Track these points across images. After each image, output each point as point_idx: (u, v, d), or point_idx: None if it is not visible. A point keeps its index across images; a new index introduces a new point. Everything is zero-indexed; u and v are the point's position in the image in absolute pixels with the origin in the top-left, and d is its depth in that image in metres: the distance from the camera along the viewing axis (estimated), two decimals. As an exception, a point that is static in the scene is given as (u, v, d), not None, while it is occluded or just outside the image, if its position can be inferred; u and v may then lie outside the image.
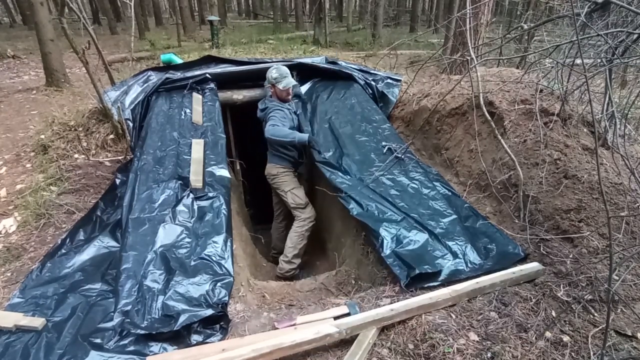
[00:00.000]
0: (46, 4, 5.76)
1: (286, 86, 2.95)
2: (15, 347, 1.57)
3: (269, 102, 3.03)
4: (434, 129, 3.21)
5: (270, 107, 2.95)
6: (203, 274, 1.83)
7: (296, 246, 3.04)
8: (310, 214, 3.10)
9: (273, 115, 2.88)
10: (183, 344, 1.59)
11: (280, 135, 2.78)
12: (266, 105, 3.01)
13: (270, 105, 2.97)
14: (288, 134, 2.80)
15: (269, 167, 3.13)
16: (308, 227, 3.08)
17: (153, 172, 2.44)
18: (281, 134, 2.78)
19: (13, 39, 11.60)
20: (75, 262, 2.08)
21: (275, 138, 2.80)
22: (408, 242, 2.03)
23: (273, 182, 3.16)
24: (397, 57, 6.08)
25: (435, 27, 11.17)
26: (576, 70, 2.44)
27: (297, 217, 3.09)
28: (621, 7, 1.96)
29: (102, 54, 3.30)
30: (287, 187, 3.07)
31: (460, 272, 1.89)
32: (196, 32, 13.54)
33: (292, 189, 3.07)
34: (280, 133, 2.78)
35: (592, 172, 2.16)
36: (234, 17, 24.62)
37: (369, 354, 1.52)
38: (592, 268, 1.77)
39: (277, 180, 3.10)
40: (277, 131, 2.78)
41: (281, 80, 2.94)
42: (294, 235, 3.08)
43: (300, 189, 3.14)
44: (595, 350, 1.46)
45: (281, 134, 2.78)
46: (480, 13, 4.96)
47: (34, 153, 3.23)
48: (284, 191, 3.08)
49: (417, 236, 2.07)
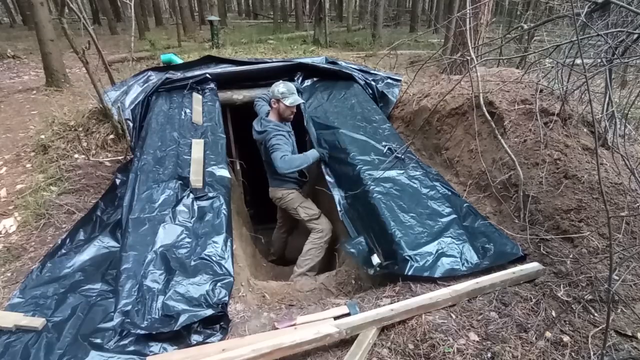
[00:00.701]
0: (46, 4, 5.76)
1: (293, 103, 2.78)
2: (15, 347, 1.57)
3: (266, 122, 2.81)
4: (434, 129, 3.20)
5: (270, 132, 2.73)
6: (203, 274, 1.83)
7: (313, 259, 2.84)
8: (326, 224, 2.94)
9: (277, 145, 2.67)
10: (183, 344, 1.59)
11: (296, 166, 2.67)
12: (264, 128, 2.78)
13: (270, 128, 2.75)
14: (303, 162, 2.68)
15: (272, 190, 3.01)
16: (326, 239, 2.89)
17: (153, 172, 2.44)
18: (296, 164, 2.66)
19: (13, 39, 11.60)
20: (75, 262, 2.09)
21: (292, 171, 2.68)
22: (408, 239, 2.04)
23: (280, 204, 3.05)
24: (397, 57, 6.09)
25: (435, 27, 11.18)
26: (576, 70, 2.44)
27: (314, 229, 2.92)
28: (621, 7, 1.95)
29: (102, 54, 3.30)
30: (296, 204, 2.93)
31: (457, 271, 1.90)
32: (196, 32, 13.54)
33: (301, 204, 2.93)
34: (295, 163, 2.65)
35: (592, 172, 2.16)
36: (234, 17, 24.63)
37: (369, 354, 1.52)
38: (592, 268, 1.77)
39: (283, 202, 2.98)
40: (291, 163, 2.64)
41: (288, 97, 2.76)
42: (311, 246, 2.87)
43: (309, 201, 3.02)
44: (596, 350, 1.46)
45: (296, 165, 2.66)
46: (480, 13, 4.96)
47: (34, 153, 3.23)
48: (294, 208, 2.94)
49: (417, 234, 2.07)
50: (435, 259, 1.94)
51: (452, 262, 1.94)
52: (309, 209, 2.93)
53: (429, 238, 2.06)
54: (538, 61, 3.01)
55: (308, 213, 2.91)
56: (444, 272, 1.88)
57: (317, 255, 2.85)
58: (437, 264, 1.92)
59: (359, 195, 2.43)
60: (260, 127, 2.82)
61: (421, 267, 1.89)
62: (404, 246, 1.98)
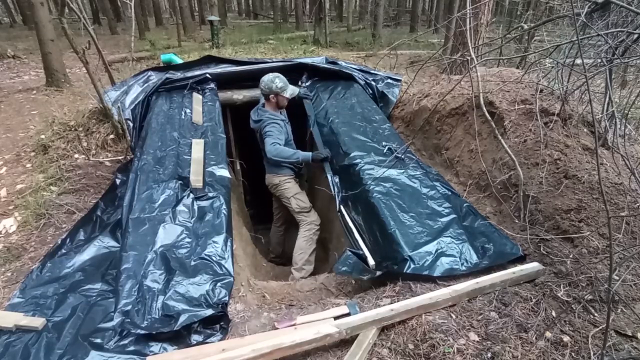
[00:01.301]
0: (46, 4, 5.76)
1: (293, 94, 2.97)
2: (16, 347, 1.57)
3: (262, 112, 2.98)
4: (434, 129, 3.20)
5: (265, 120, 2.90)
6: (203, 274, 1.83)
7: (306, 251, 2.96)
8: (315, 217, 3.07)
9: (269, 131, 2.84)
10: (183, 344, 1.59)
11: (284, 157, 2.81)
12: (260, 117, 2.96)
13: (265, 117, 2.92)
14: (291, 155, 2.82)
15: (269, 177, 3.12)
16: (314, 231, 3.03)
17: (153, 172, 2.44)
18: (284, 154, 2.80)
19: (13, 39, 11.60)
20: (76, 262, 2.09)
21: (279, 159, 2.83)
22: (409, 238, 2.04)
23: (275, 191, 3.14)
24: (397, 57, 6.08)
25: (435, 27, 11.18)
26: (576, 70, 2.44)
27: (302, 222, 3.05)
28: (621, 7, 1.95)
29: (102, 54, 3.30)
30: (290, 194, 3.04)
31: (456, 270, 1.90)
32: (196, 32, 13.53)
33: (295, 195, 3.04)
34: (284, 154, 2.80)
35: (592, 172, 2.16)
36: (234, 17, 24.63)
37: (369, 354, 1.52)
38: (592, 268, 1.77)
39: (279, 189, 3.08)
40: (280, 152, 2.79)
41: (286, 89, 2.93)
42: (302, 240, 3.01)
43: (303, 193, 3.13)
44: (596, 350, 1.46)
45: (284, 155, 2.80)
46: (480, 13, 4.96)
47: (34, 153, 3.23)
48: (287, 197, 3.05)
49: (416, 234, 2.07)
50: (434, 258, 1.94)
51: (451, 261, 1.94)
52: (301, 201, 3.04)
53: (429, 238, 2.06)
54: (538, 61, 3.01)
55: (300, 205, 3.02)
56: (443, 272, 1.88)
57: (308, 248, 2.96)
58: (437, 263, 1.92)
59: (358, 195, 2.43)
60: (257, 116, 2.99)
61: (420, 267, 1.89)
62: (403, 246, 1.99)
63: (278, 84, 2.89)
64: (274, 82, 2.89)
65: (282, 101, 2.97)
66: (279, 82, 2.89)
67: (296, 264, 2.95)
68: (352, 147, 2.84)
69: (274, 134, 2.83)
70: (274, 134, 2.83)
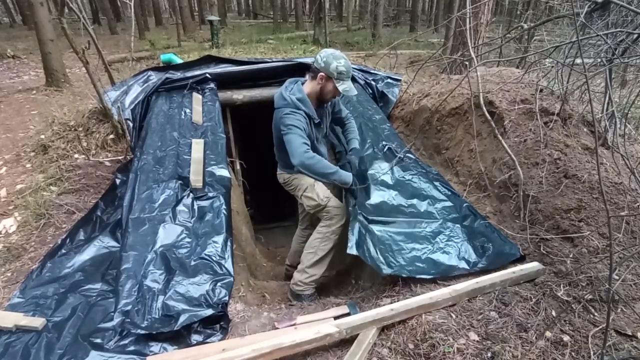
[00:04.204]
0: (46, 4, 5.76)
1: (346, 92, 2.18)
2: (16, 347, 1.58)
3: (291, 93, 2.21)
4: (434, 129, 3.20)
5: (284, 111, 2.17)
6: (203, 274, 1.83)
7: (317, 252, 2.34)
8: (337, 212, 2.34)
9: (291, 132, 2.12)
10: (183, 344, 1.59)
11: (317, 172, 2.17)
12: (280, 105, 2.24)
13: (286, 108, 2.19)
14: (328, 173, 2.17)
15: (278, 174, 2.57)
16: (334, 229, 2.33)
17: (153, 172, 2.44)
18: (318, 170, 2.15)
19: (13, 39, 11.60)
20: (76, 262, 2.08)
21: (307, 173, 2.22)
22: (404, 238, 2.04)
23: (287, 189, 2.57)
24: (397, 56, 6.07)
25: (435, 26, 11.18)
26: (576, 70, 2.44)
27: (323, 218, 2.40)
28: (621, 7, 1.96)
29: (102, 54, 3.30)
30: (300, 192, 2.42)
31: (455, 269, 1.90)
32: (196, 32, 13.54)
33: (305, 192, 2.39)
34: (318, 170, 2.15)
35: (592, 172, 2.16)
36: (234, 17, 24.62)
37: (369, 353, 1.52)
38: (592, 268, 1.77)
39: (288, 187, 2.53)
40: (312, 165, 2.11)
41: (345, 81, 2.16)
42: (314, 238, 2.39)
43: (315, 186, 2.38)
44: (596, 350, 1.46)
45: (318, 171, 2.15)
46: (480, 13, 4.96)
47: (34, 153, 3.23)
48: (298, 196, 2.49)
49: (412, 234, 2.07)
50: (434, 258, 1.94)
51: (450, 261, 1.94)
52: (311, 199, 2.35)
53: (428, 237, 2.06)
54: (538, 61, 3.01)
55: (310, 204, 2.36)
56: (442, 272, 1.89)
57: (321, 249, 2.34)
58: (436, 263, 1.92)
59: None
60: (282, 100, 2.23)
61: (420, 267, 1.89)
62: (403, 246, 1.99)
63: (340, 68, 2.10)
64: (337, 61, 2.10)
65: (327, 93, 2.23)
66: (342, 67, 2.11)
67: (302, 264, 2.41)
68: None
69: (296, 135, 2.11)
70: (297, 135, 2.11)
